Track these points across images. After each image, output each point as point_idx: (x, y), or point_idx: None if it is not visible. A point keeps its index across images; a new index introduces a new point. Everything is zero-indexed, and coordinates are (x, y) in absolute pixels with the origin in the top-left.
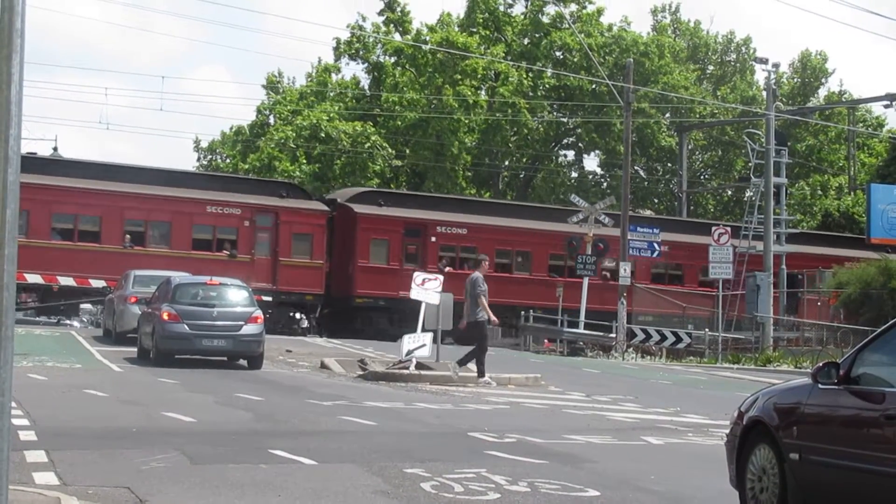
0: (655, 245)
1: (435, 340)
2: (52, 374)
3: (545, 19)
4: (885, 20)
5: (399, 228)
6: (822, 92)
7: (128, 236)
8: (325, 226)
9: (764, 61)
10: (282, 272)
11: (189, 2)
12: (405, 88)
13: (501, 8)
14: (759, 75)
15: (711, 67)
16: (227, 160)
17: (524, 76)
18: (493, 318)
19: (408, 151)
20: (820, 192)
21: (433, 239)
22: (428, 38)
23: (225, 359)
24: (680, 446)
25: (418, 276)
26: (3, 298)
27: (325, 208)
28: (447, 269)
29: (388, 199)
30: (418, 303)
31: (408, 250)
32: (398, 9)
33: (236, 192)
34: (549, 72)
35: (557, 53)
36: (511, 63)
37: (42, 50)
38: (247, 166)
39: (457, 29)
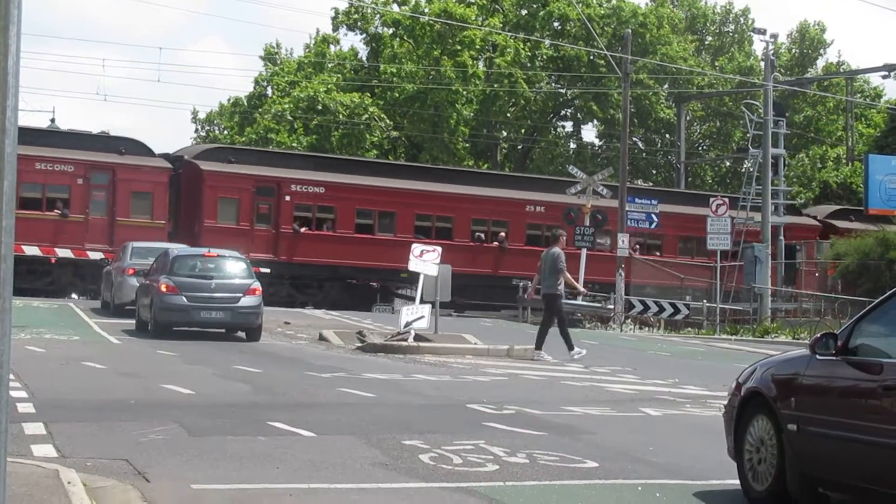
0: (653, 216)
1: (433, 312)
2: (50, 347)
3: None
4: None
5: (250, 186)
6: (821, 63)
7: None
8: (168, 184)
9: (762, 32)
10: (119, 232)
11: None
12: (403, 60)
13: None
14: (758, 46)
15: (710, 38)
16: (225, 132)
17: (522, 47)
18: (582, 289)
19: (405, 123)
20: (820, 165)
21: (287, 198)
22: (426, 10)
23: (223, 331)
24: (678, 417)
25: (416, 248)
26: (2, 270)
27: (167, 165)
28: (303, 229)
29: (240, 155)
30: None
31: (259, 210)
32: None
33: (69, 149)
34: (547, 43)
35: (555, 24)
36: (509, 34)
37: (39, 21)
38: (244, 138)
39: (454, 0)
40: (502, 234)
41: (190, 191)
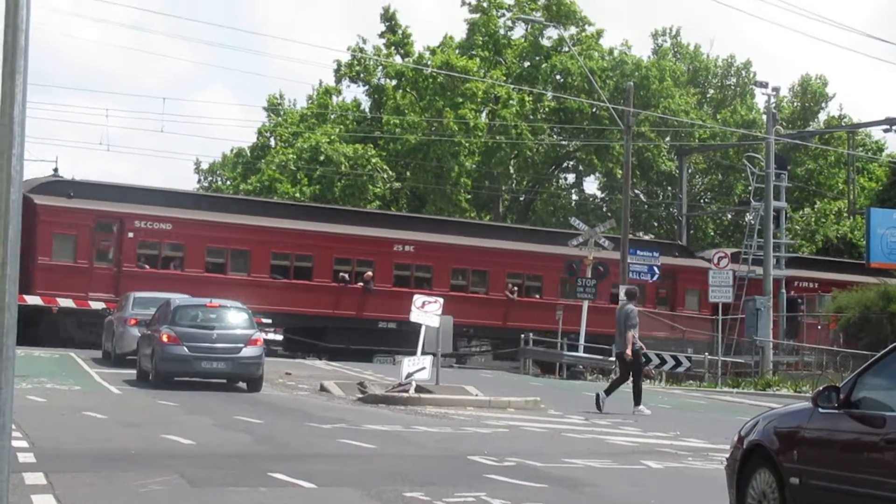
0: (654, 268)
1: (435, 363)
2: (51, 396)
3: (545, 42)
4: (884, 44)
5: (90, 222)
6: (822, 116)
7: None
8: None
9: (764, 85)
10: None
11: (191, 24)
12: (406, 111)
13: (501, 31)
14: (759, 99)
15: (712, 91)
16: (228, 182)
17: (525, 99)
18: (629, 351)
19: (408, 174)
20: (823, 219)
21: (131, 234)
22: (429, 61)
23: (224, 381)
24: (680, 470)
25: (418, 299)
26: (5, 319)
27: None
28: (146, 268)
29: (80, 189)
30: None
31: (101, 246)
32: (399, 31)
33: None
34: (549, 95)
35: (558, 77)
36: (511, 86)
37: (43, 71)
38: (248, 187)
39: (457, 52)
40: (369, 273)
41: (24, 226)
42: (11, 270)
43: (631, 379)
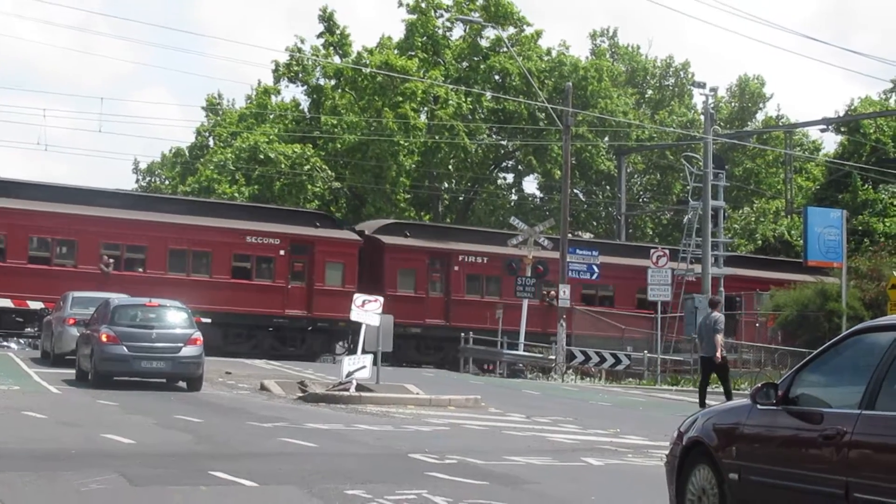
0: (594, 267)
1: (375, 362)
2: None
3: (484, 43)
4: (821, 45)
5: None
6: (760, 116)
7: None
8: None
9: (702, 85)
10: None
11: (132, 25)
12: (344, 111)
13: (440, 32)
14: (698, 99)
15: (650, 92)
16: (167, 182)
17: (463, 100)
18: (721, 354)
19: (347, 174)
20: (762, 219)
21: None
22: (367, 61)
23: (164, 380)
24: (620, 467)
25: (358, 298)
26: None
27: None
28: None
29: None
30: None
31: None
32: (337, 31)
33: None
34: (488, 95)
35: (496, 77)
36: (450, 86)
37: None
38: (186, 188)
39: (396, 52)
40: None
41: None
42: None
43: (720, 381)
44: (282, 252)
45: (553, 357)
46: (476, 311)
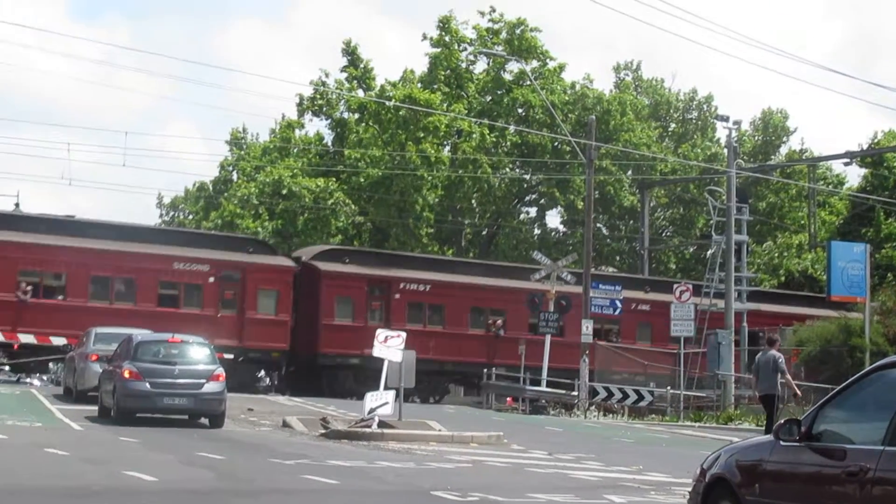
0: (617, 302)
1: (397, 398)
2: (12, 433)
3: (507, 76)
4: (845, 78)
5: None
6: (784, 150)
7: None
8: None
9: (725, 119)
10: None
11: (156, 59)
12: (368, 144)
13: (463, 65)
14: (721, 133)
15: (673, 125)
16: (190, 216)
17: (486, 133)
18: (797, 391)
19: (371, 208)
20: (785, 253)
21: None
22: (391, 94)
23: (186, 417)
24: None
25: (381, 334)
26: None
27: None
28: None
29: None
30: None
31: None
32: (361, 65)
33: None
34: (511, 128)
35: (520, 110)
36: (473, 120)
37: (5, 105)
38: (210, 223)
39: (419, 86)
40: None
41: None
42: None
43: (768, 416)
44: (211, 279)
45: (576, 393)
46: (418, 340)
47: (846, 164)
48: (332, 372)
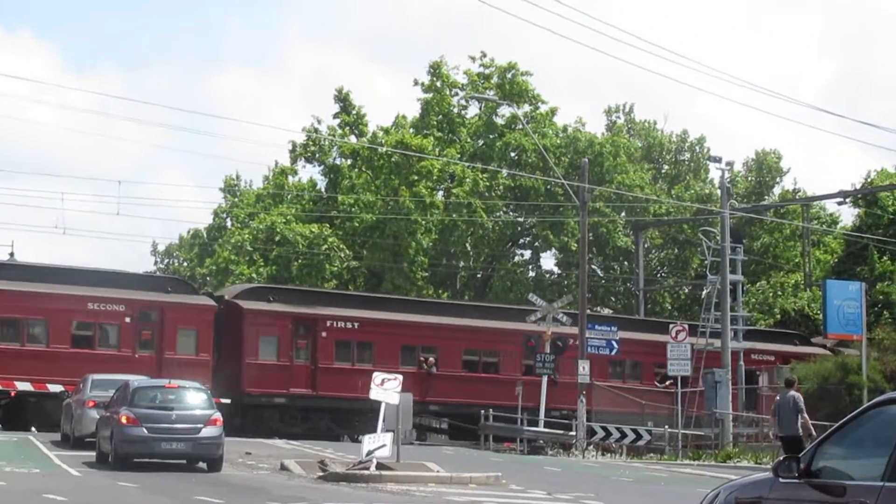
0: (613, 343)
1: (395, 440)
2: (10, 480)
3: (499, 120)
4: (836, 118)
5: None
6: (777, 190)
7: None
8: None
9: (718, 160)
10: None
11: (149, 108)
12: (361, 190)
13: (455, 110)
14: (714, 174)
15: (666, 167)
16: (185, 264)
17: (479, 177)
18: (814, 432)
19: (365, 252)
20: (780, 292)
21: None
22: (383, 140)
23: (184, 462)
24: None
25: (377, 377)
26: None
27: None
28: None
29: None
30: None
31: None
32: (353, 112)
33: None
34: (504, 172)
35: (512, 154)
36: (466, 164)
37: (0, 156)
38: (204, 270)
39: (411, 131)
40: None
41: None
42: None
43: None
44: (128, 319)
45: (573, 433)
46: (346, 379)
47: (840, 204)
48: (256, 411)
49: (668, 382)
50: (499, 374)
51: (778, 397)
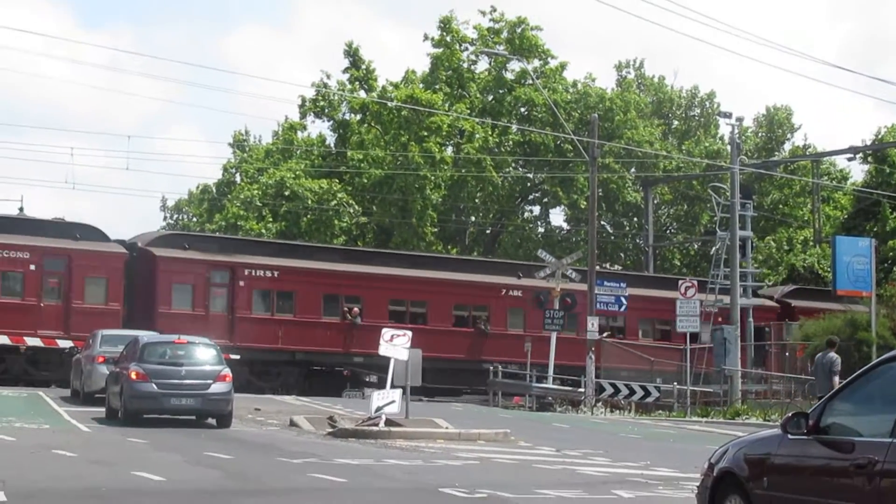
0: (622, 299)
1: (404, 397)
2: (20, 435)
3: (509, 76)
4: (849, 74)
5: None
6: (787, 146)
7: None
8: None
9: (728, 115)
10: None
11: (159, 63)
12: (371, 145)
13: (465, 65)
14: (724, 129)
15: (676, 122)
16: (194, 219)
17: (489, 132)
18: None
19: (374, 208)
20: (787, 247)
21: None
22: (393, 95)
23: (194, 417)
24: (651, 500)
25: (387, 333)
26: None
27: None
28: None
29: None
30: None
31: None
32: (363, 66)
33: None
34: (514, 128)
35: (522, 109)
36: (476, 120)
37: (9, 110)
38: (213, 226)
39: (421, 86)
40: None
41: None
42: None
43: None
44: (32, 266)
45: (582, 390)
46: (266, 329)
47: (850, 160)
48: None
49: (605, 334)
50: (426, 324)
51: (817, 357)
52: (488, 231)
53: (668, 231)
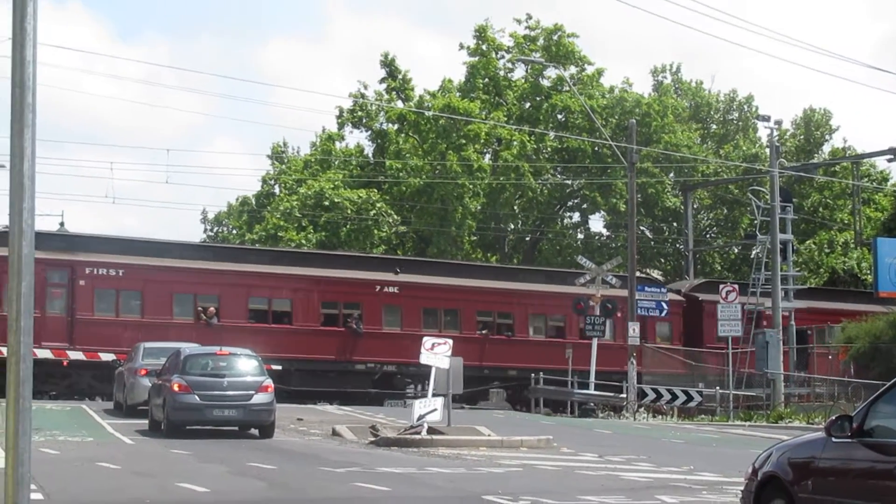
0: (663, 304)
1: (446, 405)
2: (64, 448)
3: (545, 83)
4: (887, 75)
5: None
6: (826, 148)
7: None
8: None
9: (766, 119)
10: None
11: (198, 76)
12: (408, 155)
13: (501, 73)
14: (762, 133)
15: (714, 126)
16: (234, 231)
17: (527, 139)
18: None
19: (413, 217)
20: (827, 250)
21: None
22: (430, 105)
23: (236, 428)
24: None
25: (427, 341)
26: (20, 370)
27: None
28: None
29: None
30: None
31: None
32: (399, 77)
33: None
34: (551, 134)
35: (559, 116)
36: (513, 127)
37: (49, 125)
38: (254, 236)
39: (458, 94)
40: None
41: None
42: (26, 323)
43: None
44: None
45: (624, 395)
46: (112, 332)
47: (890, 161)
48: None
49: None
50: (292, 324)
51: None
52: (527, 238)
53: (707, 235)
